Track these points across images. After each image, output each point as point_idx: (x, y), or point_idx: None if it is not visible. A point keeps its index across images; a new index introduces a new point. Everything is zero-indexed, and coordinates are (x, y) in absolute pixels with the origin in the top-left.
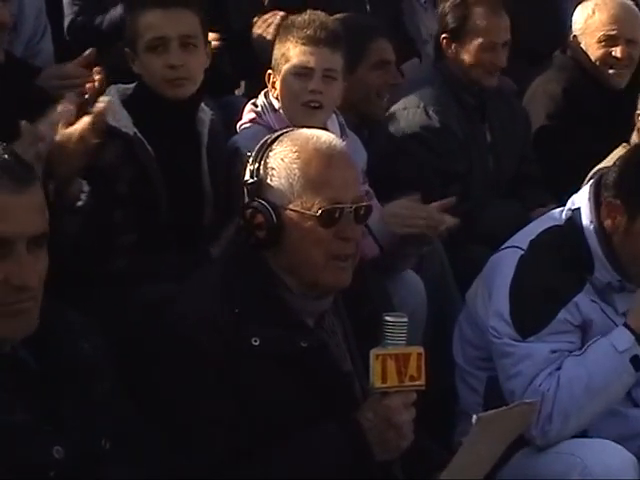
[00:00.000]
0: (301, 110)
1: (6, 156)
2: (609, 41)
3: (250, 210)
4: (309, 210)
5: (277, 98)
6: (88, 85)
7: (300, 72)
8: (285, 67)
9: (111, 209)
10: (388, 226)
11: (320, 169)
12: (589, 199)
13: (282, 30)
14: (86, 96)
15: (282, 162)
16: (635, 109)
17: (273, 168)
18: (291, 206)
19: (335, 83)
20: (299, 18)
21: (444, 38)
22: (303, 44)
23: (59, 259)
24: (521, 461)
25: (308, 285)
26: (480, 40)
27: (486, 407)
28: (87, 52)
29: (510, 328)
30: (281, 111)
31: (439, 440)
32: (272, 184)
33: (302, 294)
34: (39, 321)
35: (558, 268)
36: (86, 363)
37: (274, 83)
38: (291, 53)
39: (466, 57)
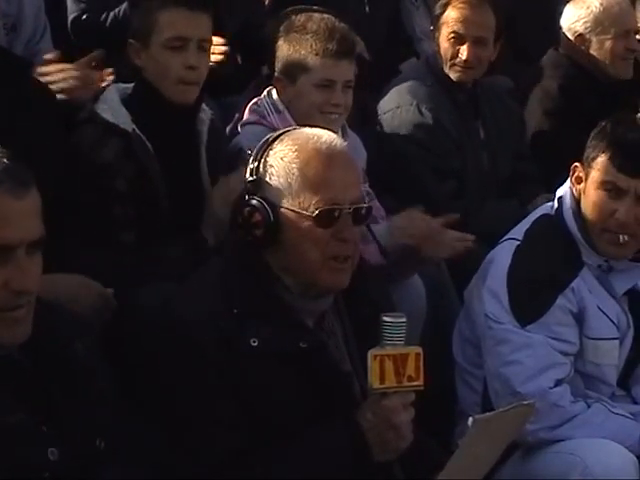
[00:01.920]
0: (320, 118)
1: (6, 160)
2: (624, 34)
3: (248, 208)
4: (306, 210)
5: (283, 101)
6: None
7: (323, 84)
8: (303, 78)
9: (111, 206)
10: (392, 238)
11: (319, 169)
12: (570, 187)
13: (289, 33)
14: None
15: (281, 161)
16: (632, 103)
17: (272, 167)
18: (289, 205)
19: (351, 90)
20: (313, 25)
21: (432, 29)
22: (325, 57)
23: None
24: (520, 461)
25: (305, 285)
26: (448, 30)
27: (484, 407)
28: (94, 53)
29: (509, 316)
30: (285, 112)
31: (439, 440)
32: (271, 183)
33: (301, 294)
34: (33, 324)
35: (553, 255)
36: (80, 364)
37: (284, 88)
38: (310, 64)
39: (438, 49)
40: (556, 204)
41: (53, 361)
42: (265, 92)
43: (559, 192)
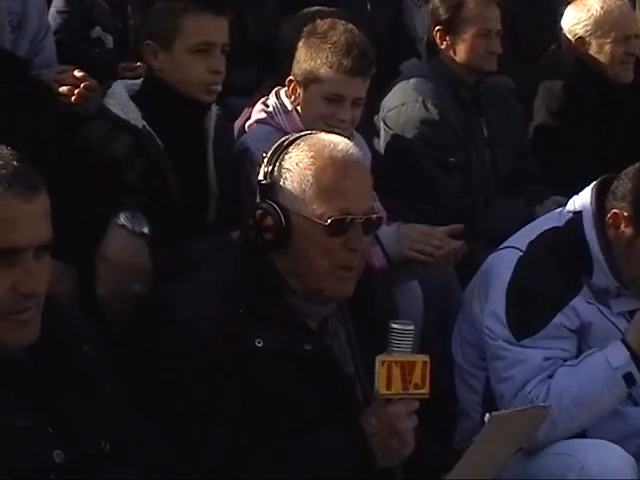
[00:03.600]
0: (324, 129)
1: (15, 162)
2: (625, 39)
3: (260, 211)
4: (319, 218)
5: (293, 103)
6: (74, 98)
7: (331, 98)
8: (314, 87)
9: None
10: (398, 245)
11: (334, 178)
12: (591, 203)
13: (309, 37)
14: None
15: (297, 167)
16: (635, 105)
17: (287, 171)
18: (302, 212)
19: (361, 107)
20: (334, 36)
21: (438, 31)
22: (338, 72)
23: None
24: (519, 462)
25: (311, 291)
26: (475, 28)
27: (485, 407)
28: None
29: (505, 330)
30: (294, 113)
31: (439, 440)
32: (285, 188)
33: (306, 298)
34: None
35: (556, 271)
36: (86, 365)
37: (295, 91)
38: (323, 75)
39: (462, 47)
40: (568, 216)
41: (59, 363)
42: (273, 92)
43: (576, 206)
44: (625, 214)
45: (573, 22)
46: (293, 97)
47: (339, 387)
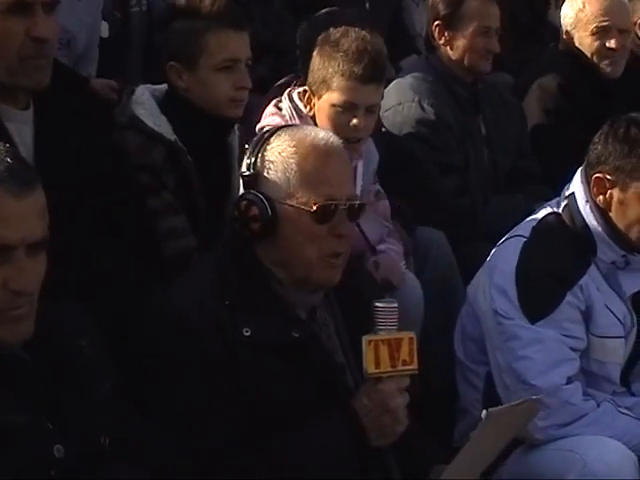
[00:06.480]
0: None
1: (9, 159)
2: (602, 33)
3: (245, 202)
4: (304, 205)
5: (309, 113)
6: None
7: (345, 106)
8: (327, 96)
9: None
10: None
11: (317, 165)
12: (581, 182)
13: (323, 45)
14: None
15: (279, 156)
16: (630, 99)
17: (270, 161)
18: (287, 200)
19: (375, 114)
20: (345, 44)
21: (437, 26)
22: (349, 80)
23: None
24: (520, 458)
25: (299, 280)
26: (475, 24)
27: (485, 403)
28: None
29: (518, 312)
30: (308, 117)
31: (439, 438)
32: (268, 177)
33: (293, 288)
34: (36, 322)
35: (562, 252)
36: (85, 361)
37: (310, 100)
38: (335, 84)
39: (460, 43)
40: (565, 201)
41: (57, 359)
42: (286, 94)
43: (568, 190)
44: (607, 176)
45: (564, 16)
46: (309, 107)
47: (328, 374)
